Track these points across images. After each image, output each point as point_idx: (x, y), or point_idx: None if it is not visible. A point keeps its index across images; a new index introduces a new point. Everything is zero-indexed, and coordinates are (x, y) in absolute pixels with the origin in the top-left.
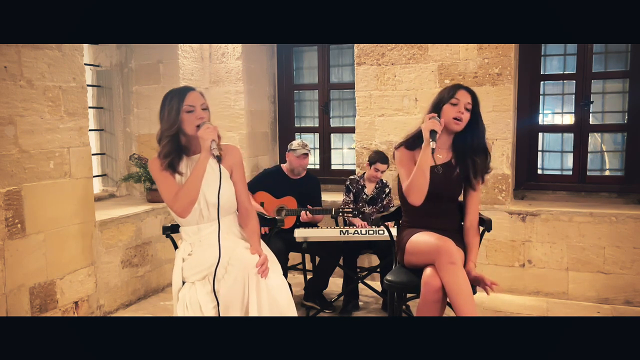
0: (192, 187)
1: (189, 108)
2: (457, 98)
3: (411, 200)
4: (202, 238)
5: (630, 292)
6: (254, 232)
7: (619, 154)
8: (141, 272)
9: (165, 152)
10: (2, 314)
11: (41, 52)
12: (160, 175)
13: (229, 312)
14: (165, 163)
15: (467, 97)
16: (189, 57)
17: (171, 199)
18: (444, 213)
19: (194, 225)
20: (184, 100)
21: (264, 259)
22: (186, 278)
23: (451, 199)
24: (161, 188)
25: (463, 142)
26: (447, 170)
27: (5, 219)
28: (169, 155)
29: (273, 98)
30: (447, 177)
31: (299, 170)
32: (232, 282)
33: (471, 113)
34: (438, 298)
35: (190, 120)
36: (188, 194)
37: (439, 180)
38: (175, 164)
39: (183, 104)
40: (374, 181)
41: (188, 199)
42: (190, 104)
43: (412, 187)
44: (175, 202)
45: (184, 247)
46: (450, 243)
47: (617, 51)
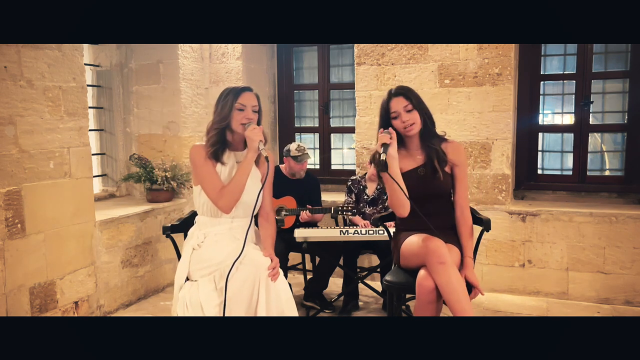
0: (239, 185)
1: (240, 106)
2: (395, 110)
3: (398, 215)
4: (218, 232)
5: (630, 292)
6: (271, 235)
7: (619, 154)
8: (141, 272)
9: (212, 141)
10: (2, 314)
11: (41, 52)
12: (204, 165)
13: (232, 311)
14: (210, 151)
15: (400, 102)
16: (189, 57)
17: (216, 194)
18: (436, 212)
19: (215, 218)
20: (238, 99)
21: (276, 263)
22: (191, 273)
23: (440, 196)
24: (205, 179)
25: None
26: (427, 169)
27: (5, 219)
28: (215, 145)
29: (273, 98)
30: (430, 176)
31: (300, 174)
32: (242, 281)
33: (417, 110)
34: (432, 299)
35: (238, 119)
36: (235, 192)
37: (423, 181)
38: (219, 154)
39: (236, 102)
40: (375, 180)
41: (234, 196)
42: (242, 103)
43: (391, 205)
44: (220, 198)
45: (197, 235)
46: (439, 243)
47: (617, 51)
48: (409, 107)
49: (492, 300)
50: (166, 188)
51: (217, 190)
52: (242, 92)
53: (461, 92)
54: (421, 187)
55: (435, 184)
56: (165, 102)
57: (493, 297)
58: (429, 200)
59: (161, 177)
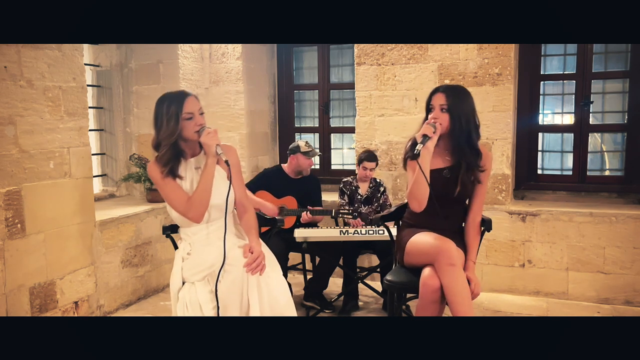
0: (205, 193)
1: (188, 115)
2: (432, 104)
3: (412, 207)
4: (201, 238)
5: (630, 292)
6: (251, 226)
7: (619, 154)
8: (141, 272)
9: (165, 160)
10: (2, 314)
11: (41, 52)
12: (163, 183)
13: (227, 312)
14: (165, 170)
15: (440, 98)
16: (189, 57)
17: (183, 207)
18: (450, 214)
19: (194, 226)
20: (183, 108)
21: (256, 255)
22: (186, 278)
23: (458, 200)
24: (168, 196)
25: (454, 143)
26: (453, 172)
27: (5, 219)
28: (169, 163)
29: (273, 98)
30: (453, 179)
31: (307, 171)
32: (230, 283)
33: (450, 113)
34: (436, 298)
35: (190, 127)
36: (202, 201)
37: (446, 183)
38: (175, 169)
39: (182, 112)
40: (366, 181)
41: (202, 206)
42: (189, 112)
43: (410, 195)
44: (189, 210)
45: (183, 246)
46: (451, 244)
47: (617, 51)
48: (445, 106)
49: (492, 300)
50: None
51: (184, 203)
52: (184, 99)
53: None
54: (443, 188)
55: (456, 188)
56: None
57: (493, 297)
58: (447, 203)
59: None
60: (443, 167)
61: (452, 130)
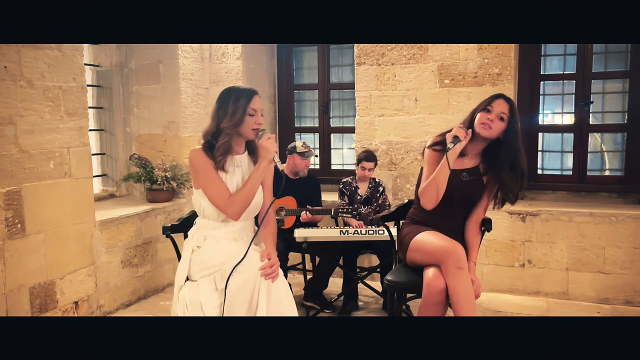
0: (250, 194)
1: (252, 111)
2: (492, 106)
3: (423, 204)
4: (219, 234)
5: (630, 292)
6: (272, 234)
7: (619, 154)
8: (141, 272)
9: (223, 149)
10: (2, 314)
11: (41, 52)
12: (211, 174)
13: (232, 311)
14: (221, 160)
15: (503, 106)
16: (189, 57)
17: (224, 203)
18: (457, 216)
19: (216, 222)
20: (250, 103)
21: (273, 262)
22: (192, 274)
23: (470, 204)
24: (211, 188)
25: (491, 152)
26: (472, 176)
27: (5, 219)
28: (225, 153)
29: (273, 98)
30: (471, 184)
31: (304, 172)
32: (242, 284)
33: (507, 124)
34: (441, 300)
35: (250, 124)
36: (246, 201)
37: (463, 185)
38: (225, 162)
39: (249, 106)
40: (365, 180)
41: (244, 205)
42: (254, 108)
43: (425, 192)
44: (229, 207)
45: (196, 237)
46: (459, 247)
47: (617, 51)
48: (505, 116)
49: (492, 300)
50: (166, 188)
51: (225, 198)
52: (253, 95)
53: (461, 92)
54: (456, 189)
55: (469, 192)
56: (165, 102)
57: (493, 297)
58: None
59: (161, 177)
60: (463, 168)
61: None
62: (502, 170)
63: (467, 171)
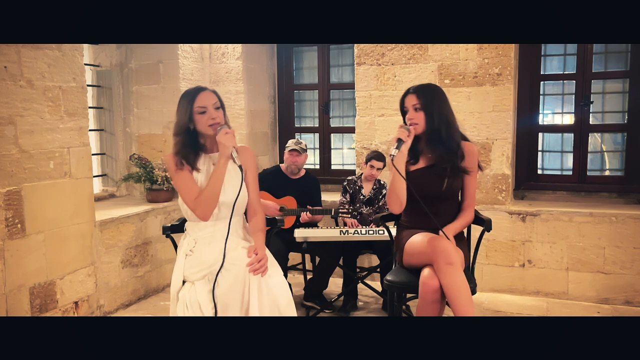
0: (214, 193)
1: (200, 109)
2: (405, 106)
3: (391, 209)
4: (206, 235)
5: (630, 292)
6: (259, 229)
7: (619, 154)
8: (141, 272)
9: (176, 150)
10: (2, 314)
11: (41, 52)
12: (176, 175)
13: (227, 312)
14: (178, 161)
15: (411, 99)
16: (189, 57)
17: (192, 202)
18: (441, 212)
19: (202, 223)
20: (195, 102)
21: (261, 257)
22: (187, 276)
23: (446, 197)
24: (180, 188)
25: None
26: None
27: (5, 219)
28: (180, 153)
29: (273, 98)
30: (437, 177)
31: (292, 169)
32: (232, 281)
33: (424, 109)
34: (436, 298)
35: (203, 121)
36: (209, 200)
37: (431, 181)
38: (192, 160)
39: (194, 106)
40: (371, 180)
41: (210, 204)
42: (201, 105)
43: (389, 199)
44: (197, 207)
45: (187, 242)
46: (448, 243)
47: (617, 51)
48: (417, 106)
49: (492, 300)
50: (166, 188)
51: (193, 198)
52: (197, 93)
53: (461, 92)
54: (429, 187)
55: (442, 185)
56: (165, 102)
57: (493, 297)
58: (434, 201)
59: (161, 177)
60: (424, 166)
61: (429, 128)
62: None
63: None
